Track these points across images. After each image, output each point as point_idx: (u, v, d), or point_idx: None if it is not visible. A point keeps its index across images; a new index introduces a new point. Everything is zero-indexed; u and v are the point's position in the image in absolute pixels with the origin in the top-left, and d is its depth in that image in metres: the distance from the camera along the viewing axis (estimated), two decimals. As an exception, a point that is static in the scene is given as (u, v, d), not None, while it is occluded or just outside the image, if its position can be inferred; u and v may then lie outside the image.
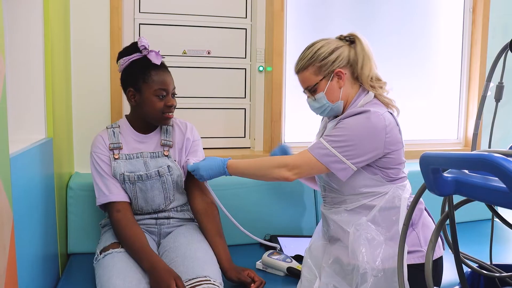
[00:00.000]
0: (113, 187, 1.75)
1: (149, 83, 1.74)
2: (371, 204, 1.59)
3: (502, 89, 1.00)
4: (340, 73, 1.61)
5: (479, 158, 0.71)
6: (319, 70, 1.62)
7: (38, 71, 1.72)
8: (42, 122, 1.75)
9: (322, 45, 1.64)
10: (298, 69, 1.66)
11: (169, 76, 1.80)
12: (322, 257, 1.67)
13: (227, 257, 1.73)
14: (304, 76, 1.65)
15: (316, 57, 1.62)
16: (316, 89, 1.63)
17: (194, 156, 1.87)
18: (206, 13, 2.51)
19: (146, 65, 1.75)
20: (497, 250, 2.04)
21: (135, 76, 1.76)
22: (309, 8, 2.66)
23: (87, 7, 2.27)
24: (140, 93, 1.76)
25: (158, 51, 1.79)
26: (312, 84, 1.63)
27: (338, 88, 1.62)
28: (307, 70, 1.63)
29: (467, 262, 1.05)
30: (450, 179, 0.83)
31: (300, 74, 1.67)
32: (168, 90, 1.77)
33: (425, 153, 0.84)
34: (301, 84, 1.69)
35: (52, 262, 1.80)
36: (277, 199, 2.29)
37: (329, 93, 1.62)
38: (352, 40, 1.65)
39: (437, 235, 0.95)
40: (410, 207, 0.97)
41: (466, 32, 2.93)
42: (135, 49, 1.78)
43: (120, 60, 1.80)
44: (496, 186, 0.73)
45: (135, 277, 1.54)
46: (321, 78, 1.62)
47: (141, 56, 1.77)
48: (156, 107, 1.75)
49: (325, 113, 1.69)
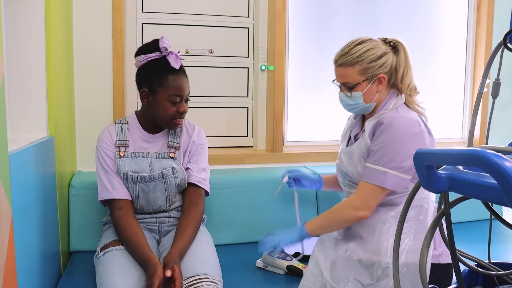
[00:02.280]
0: (116, 183, 1.75)
1: (165, 87, 1.71)
2: (397, 201, 1.61)
3: (499, 86, 0.99)
4: (382, 78, 1.62)
5: (470, 154, 0.71)
6: (365, 71, 1.61)
7: (40, 71, 1.73)
8: (44, 121, 1.76)
9: (372, 47, 1.62)
10: (341, 63, 1.63)
11: (186, 81, 1.77)
12: (334, 251, 1.66)
13: (178, 249, 1.61)
14: (347, 71, 1.63)
15: (365, 58, 1.60)
16: (355, 87, 1.62)
17: (196, 161, 1.85)
18: (209, 13, 2.52)
19: (164, 67, 1.71)
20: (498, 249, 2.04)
21: (151, 77, 1.72)
22: (311, 7, 2.66)
23: (90, 6, 2.28)
24: (154, 95, 1.73)
25: (178, 52, 1.75)
26: (353, 82, 1.62)
27: (376, 91, 1.64)
28: (353, 67, 1.61)
29: (463, 260, 1.04)
30: (444, 176, 0.82)
31: (342, 68, 1.64)
32: (182, 96, 1.74)
33: (419, 150, 0.83)
34: (339, 78, 1.66)
35: (53, 259, 1.81)
36: (277, 197, 2.28)
37: (366, 95, 1.63)
38: (395, 46, 1.66)
39: (432, 232, 0.94)
40: (406, 203, 0.97)
41: (471, 31, 2.92)
42: (155, 47, 1.74)
43: (139, 57, 1.76)
44: (488, 182, 0.72)
45: (134, 274, 1.54)
46: (364, 79, 1.61)
47: (160, 56, 1.73)
48: (168, 112, 1.73)
49: (355, 111, 1.71)
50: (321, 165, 2.56)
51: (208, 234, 1.85)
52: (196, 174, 1.82)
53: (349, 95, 1.64)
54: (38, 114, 1.75)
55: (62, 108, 1.98)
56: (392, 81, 1.66)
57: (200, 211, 1.79)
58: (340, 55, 1.64)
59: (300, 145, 2.72)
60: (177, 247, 1.62)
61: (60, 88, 1.95)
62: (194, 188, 1.82)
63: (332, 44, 2.71)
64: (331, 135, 2.75)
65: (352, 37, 2.68)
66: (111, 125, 1.84)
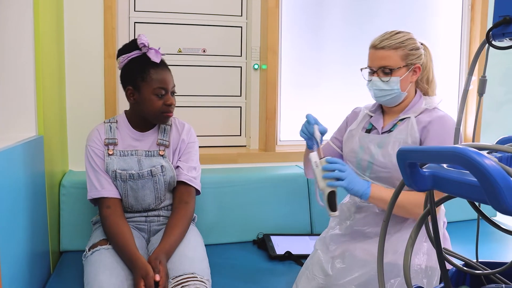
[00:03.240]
0: (105, 182, 1.75)
1: (148, 82, 1.72)
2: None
3: (485, 83, 0.98)
4: (417, 69, 1.61)
5: (450, 151, 0.70)
6: (406, 57, 1.59)
7: (28, 69, 1.72)
8: (33, 120, 1.75)
9: (411, 38, 1.62)
10: (384, 45, 1.59)
11: (169, 74, 1.78)
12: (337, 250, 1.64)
13: (164, 248, 1.60)
14: (389, 54, 1.59)
15: (406, 44, 1.59)
16: (394, 72, 1.58)
17: (187, 160, 1.85)
18: (202, 12, 2.51)
19: (145, 63, 1.73)
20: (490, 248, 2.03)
21: (134, 74, 1.74)
22: (304, 5, 2.65)
23: (81, 5, 2.26)
24: (139, 92, 1.74)
25: (158, 49, 1.76)
26: (393, 67, 1.58)
27: (409, 81, 1.62)
28: (396, 51, 1.58)
29: (449, 259, 1.03)
30: (428, 174, 0.81)
31: (383, 51, 1.59)
32: (167, 89, 1.75)
33: (402, 147, 0.82)
34: (377, 61, 1.60)
35: (43, 259, 1.79)
36: (271, 197, 2.28)
37: (403, 82, 1.60)
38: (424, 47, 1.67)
39: (417, 231, 0.93)
40: (390, 202, 0.96)
41: (465, 30, 2.92)
42: (135, 46, 1.76)
43: (120, 58, 1.78)
44: (470, 180, 0.71)
45: (121, 273, 1.53)
46: (404, 64, 1.59)
47: (141, 53, 1.75)
48: (155, 106, 1.74)
49: (386, 99, 1.63)
50: (314, 164, 2.55)
51: (198, 233, 1.84)
52: (186, 173, 1.81)
53: (386, 79, 1.59)
54: (27, 113, 1.73)
55: (52, 107, 1.97)
56: (419, 78, 1.67)
57: (190, 210, 1.79)
58: (381, 39, 1.61)
59: (293, 144, 2.71)
60: (163, 245, 1.61)
61: (50, 87, 1.94)
62: (184, 187, 1.81)
63: (325, 42, 2.71)
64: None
65: (345, 35, 2.72)
66: (100, 124, 1.84)
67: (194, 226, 1.90)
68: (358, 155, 1.66)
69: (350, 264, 1.58)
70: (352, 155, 1.69)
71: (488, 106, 2.90)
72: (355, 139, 1.71)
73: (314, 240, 2.16)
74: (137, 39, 1.74)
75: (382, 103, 1.68)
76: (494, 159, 0.72)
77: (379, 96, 1.63)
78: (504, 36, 0.78)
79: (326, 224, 2.26)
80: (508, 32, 0.77)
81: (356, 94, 2.76)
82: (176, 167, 1.83)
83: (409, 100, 1.66)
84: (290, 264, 1.96)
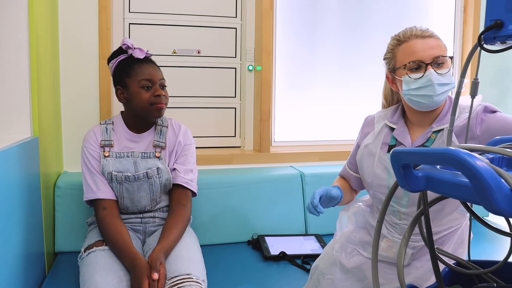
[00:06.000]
0: (101, 184, 1.75)
1: (133, 76, 1.75)
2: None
3: (477, 86, 0.99)
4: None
5: (442, 152, 0.71)
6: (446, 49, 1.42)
7: (23, 71, 1.72)
8: (28, 121, 1.75)
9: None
10: (431, 34, 1.42)
11: (154, 67, 1.80)
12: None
13: (163, 248, 1.60)
14: (439, 43, 1.41)
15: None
16: (445, 64, 1.39)
17: (183, 162, 1.85)
18: (196, 13, 2.51)
19: (131, 61, 1.77)
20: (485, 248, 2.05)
21: (120, 73, 1.78)
22: (298, 7, 2.66)
23: (75, 6, 2.27)
24: (127, 89, 1.77)
25: (147, 51, 1.80)
26: (447, 55, 1.39)
27: None
28: (440, 40, 1.43)
29: (442, 259, 1.05)
30: (421, 175, 0.83)
31: (433, 39, 1.41)
32: (153, 81, 1.76)
33: (395, 149, 0.84)
34: (429, 51, 1.38)
35: (38, 260, 1.79)
36: (265, 198, 2.29)
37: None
38: None
39: (410, 231, 0.95)
40: (384, 203, 0.97)
41: (458, 32, 2.94)
42: (122, 50, 1.81)
43: (110, 64, 1.83)
44: (461, 181, 0.73)
45: (117, 274, 1.54)
46: (449, 56, 1.41)
47: (127, 55, 1.79)
48: (143, 99, 1.75)
49: (443, 97, 1.40)
50: (309, 165, 2.57)
51: (193, 235, 1.85)
52: (183, 175, 1.82)
53: (443, 71, 1.37)
54: (22, 114, 1.73)
55: (47, 108, 1.97)
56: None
57: (187, 212, 1.79)
58: (421, 29, 1.43)
59: (287, 145, 2.72)
60: (163, 245, 1.61)
61: (45, 88, 1.94)
62: (181, 190, 1.82)
63: (320, 43, 2.72)
64: (318, 135, 2.76)
65: (339, 37, 2.73)
66: (96, 125, 1.85)
67: (190, 227, 1.91)
68: (389, 181, 1.44)
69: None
70: (379, 182, 1.47)
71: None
72: (375, 159, 1.50)
73: (309, 240, 2.17)
74: (122, 43, 1.79)
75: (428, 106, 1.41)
76: (486, 160, 0.74)
77: (440, 93, 1.37)
78: (496, 40, 0.79)
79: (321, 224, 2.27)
80: (499, 36, 0.78)
81: (350, 95, 2.78)
82: (173, 170, 1.83)
83: (442, 105, 1.45)
84: (285, 264, 1.97)
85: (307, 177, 2.36)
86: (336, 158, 2.64)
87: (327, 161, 2.64)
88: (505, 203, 0.66)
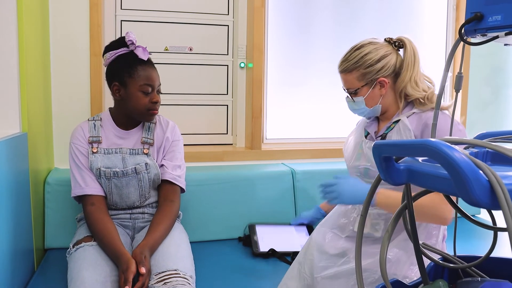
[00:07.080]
0: (89, 179, 1.75)
1: (135, 78, 1.72)
2: None
3: (461, 80, 1.00)
4: (383, 82, 1.57)
5: (421, 144, 0.71)
6: (363, 77, 1.57)
7: (12, 66, 1.71)
8: (17, 117, 1.74)
9: (370, 51, 1.57)
10: (342, 69, 1.63)
11: (156, 72, 1.79)
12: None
13: (148, 243, 1.60)
14: (347, 78, 1.61)
15: (362, 63, 1.57)
16: (357, 93, 1.60)
17: (171, 158, 1.85)
18: (188, 10, 2.51)
19: (133, 60, 1.74)
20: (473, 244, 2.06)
21: (121, 70, 1.74)
22: (290, 4, 2.66)
23: (66, 2, 2.26)
24: (125, 88, 1.74)
25: (146, 48, 1.77)
26: (354, 88, 1.60)
27: (379, 95, 1.59)
28: (351, 74, 1.59)
29: (426, 253, 1.05)
30: (403, 168, 0.83)
31: (343, 75, 1.63)
32: (153, 86, 1.76)
33: (377, 142, 0.84)
34: (343, 84, 1.66)
35: (26, 256, 1.79)
36: (257, 195, 2.28)
37: (369, 99, 1.60)
38: (401, 45, 1.61)
39: (394, 224, 0.95)
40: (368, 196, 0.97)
41: (450, 29, 2.94)
42: (122, 43, 1.77)
43: (106, 54, 1.78)
44: (441, 173, 0.73)
45: (104, 269, 1.53)
46: (363, 84, 1.58)
47: (128, 51, 1.75)
48: (141, 103, 1.74)
49: (364, 115, 1.68)
50: (300, 162, 2.57)
51: (182, 231, 1.85)
52: (171, 171, 1.82)
53: (353, 100, 1.63)
54: (11, 110, 1.73)
55: (37, 104, 1.97)
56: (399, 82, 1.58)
57: (175, 208, 1.79)
58: (341, 61, 1.64)
59: (279, 142, 2.72)
60: (148, 240, 1.61)
61: (35, 84, 1.94)
62: (169, 185, 1.82)
63: (312, 40, 2.72)
64: (310, 132, 2.77)
65: (331, 34, 2.73)
66: (84, 122, 1.84)
67: (179, 223, 1.91)
68: (356, 162, 1.66)
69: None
70: (351, 163, 1.69)
71: (474, 106, 2.93)
72: (350, 145, 1.74)
73: (300, 230, 2.16)
74: (126, 37, 1.75)
75: (365, 117, 1.73)
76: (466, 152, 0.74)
77: (356, 114, 1.69)
78: (476, 32, 0.80)
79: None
80: (479, 28, 0.78)
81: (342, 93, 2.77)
82: (161, 166, 1.83)
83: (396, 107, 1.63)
84: (274, 261, 1.97)
85: (298, 174, 2.37)
86: (328, 156, 2.65)
87: (319, 158, 2.65)
88: (483, 194, 0.66)
